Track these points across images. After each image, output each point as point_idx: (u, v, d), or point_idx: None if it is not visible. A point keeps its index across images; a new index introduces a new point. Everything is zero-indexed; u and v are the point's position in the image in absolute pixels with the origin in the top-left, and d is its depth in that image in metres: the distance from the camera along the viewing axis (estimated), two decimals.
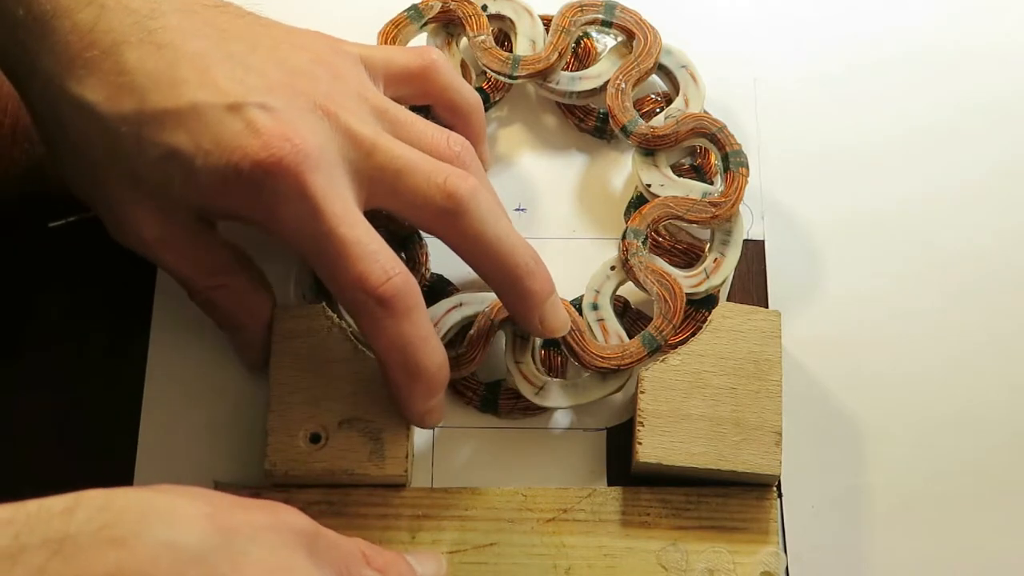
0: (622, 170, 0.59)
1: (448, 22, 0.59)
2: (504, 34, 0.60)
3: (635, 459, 0.51)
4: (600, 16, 0.58)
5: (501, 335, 0.54)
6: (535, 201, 0.58)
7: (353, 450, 0.50)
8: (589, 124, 0.59)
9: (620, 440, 0.54)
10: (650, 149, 0.56)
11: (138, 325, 0.55)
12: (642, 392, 0.51)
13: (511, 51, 0.59)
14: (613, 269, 0.55)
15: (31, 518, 0.37)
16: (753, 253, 0.57)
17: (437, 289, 0.56)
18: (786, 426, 0.51)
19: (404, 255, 0.56)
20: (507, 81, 0.58)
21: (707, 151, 0.57)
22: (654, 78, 0.59)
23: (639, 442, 0.51)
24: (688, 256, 0.56)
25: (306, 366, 0.51)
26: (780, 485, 0.52)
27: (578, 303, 0.55)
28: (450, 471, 0.53)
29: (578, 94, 0.58)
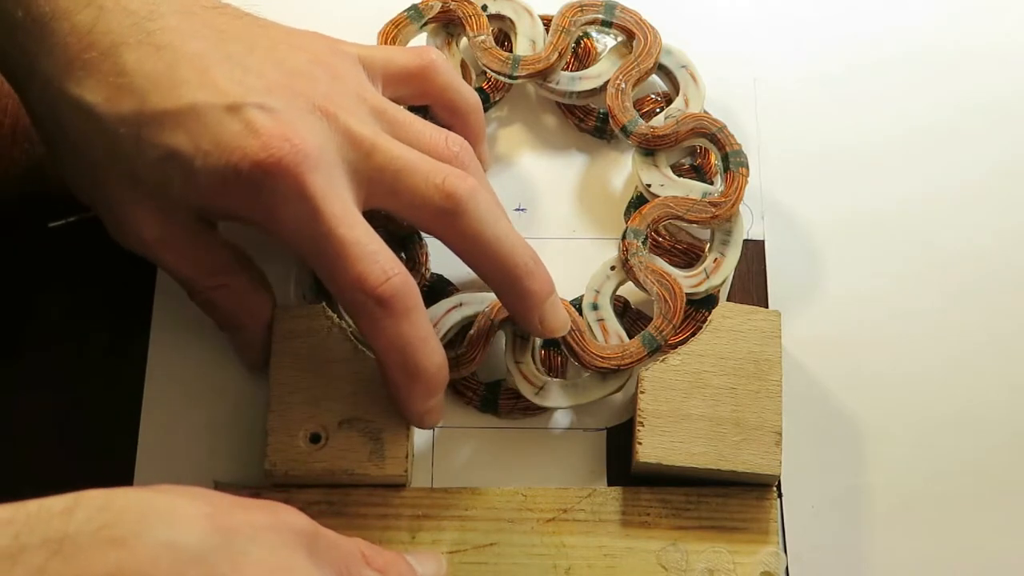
0: (622, 170, 0.59)
1: (448, 22, 0.59)
2: (504, 34, 0.60)
3: (635, 459, 0.51)
4: (600, 16, 0.58)
5: (501, 335, 0.54)
6: (535, 201, 0.58)
7: (353, 450, 0.50)
8: (589, 124, 0.59)
9: (620, 440, 0.54)
10: (650, 149, 0.56)
11: (138, 325, 0.55)
12: (642, 392, 0.51)
13: (511, 51, 0.59)
14: (613, 269, 0.55)
15: (31, 518, 0.37)
16: (753, 253, 0.57)
17: (437, 289, 0.56)
18: (786, 426, 0.51)
19: (404, 255, 0.56)
20: (507, 81, 0.58)
21: (707, 151, 0.57)
22: (654, 78, 0.59)
23: (639, 442, 0.51)
24: (688, 256, 0.56)
25: (306, 366, 0.51)
26: (780, 485, 0.52)
27: (578, 303, 0.55)
28: (450, 471, 0.53)
29: (578, 94, 0.58)
